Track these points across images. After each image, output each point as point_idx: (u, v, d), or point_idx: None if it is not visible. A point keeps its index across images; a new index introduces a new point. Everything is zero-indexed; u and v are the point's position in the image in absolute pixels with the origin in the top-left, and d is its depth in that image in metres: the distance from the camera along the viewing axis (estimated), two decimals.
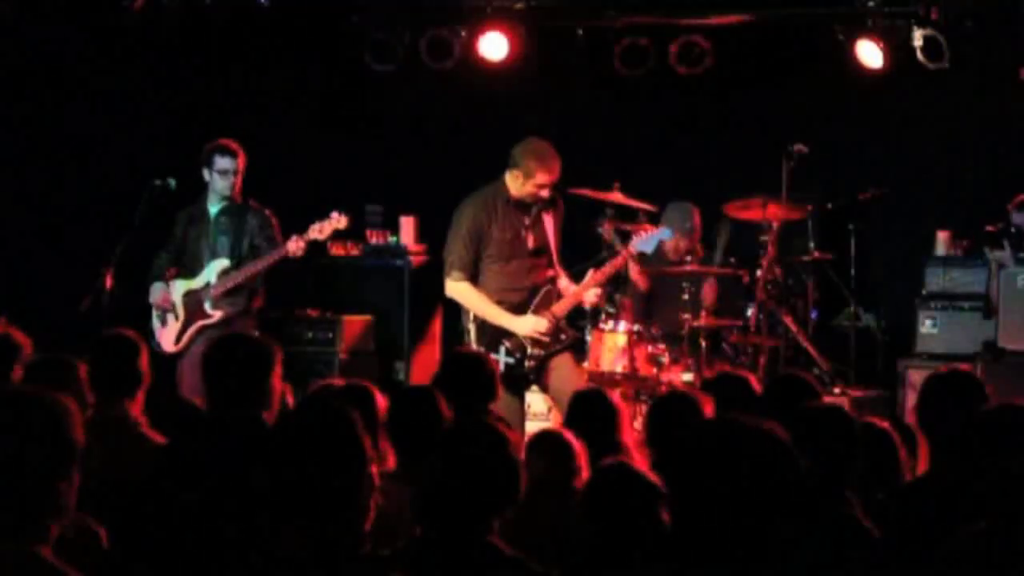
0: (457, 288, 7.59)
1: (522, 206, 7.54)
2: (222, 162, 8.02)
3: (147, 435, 4.98)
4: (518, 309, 7.52)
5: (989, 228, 8.60)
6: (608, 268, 7.69)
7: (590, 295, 7.67)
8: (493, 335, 7.50)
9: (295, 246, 7.88)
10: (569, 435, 4.72)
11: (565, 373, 7.54)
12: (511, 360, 7.47)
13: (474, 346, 7.45)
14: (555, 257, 7.67)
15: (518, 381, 7.52)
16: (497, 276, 7.54)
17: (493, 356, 7.28)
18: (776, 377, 6.69)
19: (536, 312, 7.51)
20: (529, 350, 7.49)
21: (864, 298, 9.41)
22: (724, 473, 2.84)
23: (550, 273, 7.66)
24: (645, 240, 7.77)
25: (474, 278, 7.55)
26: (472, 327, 7.56)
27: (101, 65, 9.47)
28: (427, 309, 9.84)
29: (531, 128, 7.90)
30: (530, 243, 7.57)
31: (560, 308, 7.56)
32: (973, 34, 8.86)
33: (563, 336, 7.60)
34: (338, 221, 8.01)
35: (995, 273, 8.48)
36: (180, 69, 9.78)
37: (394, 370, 9.58)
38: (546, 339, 7.49)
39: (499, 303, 7.49)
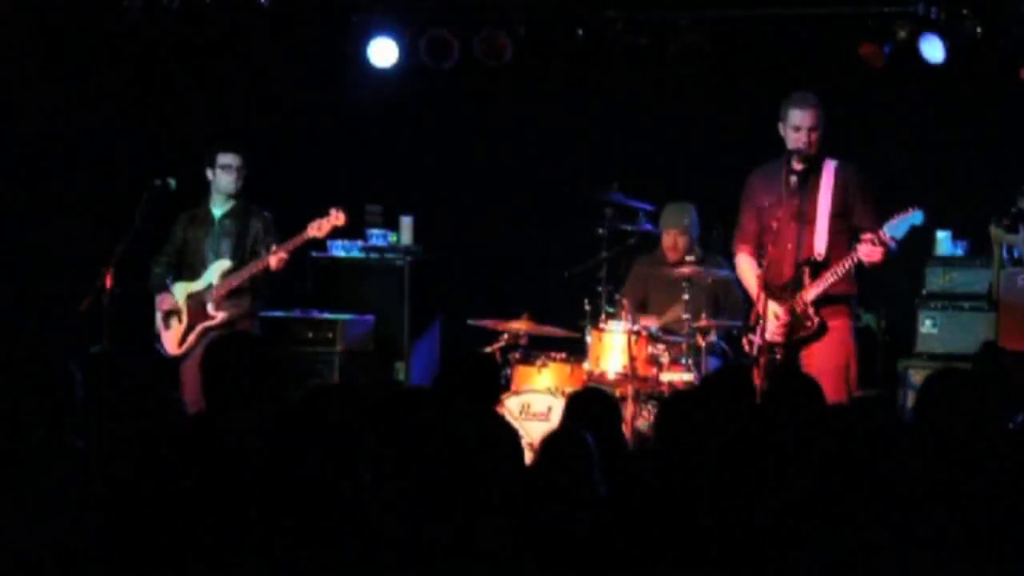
0: (736, 260, 7.13)
1: (795, 171, 6.89)
2: (225, 158, 8.01)
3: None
4: (779, 289, 6.86)
5: (1006, 221, 8.57)
6: (864, 251, 6.73)
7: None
8: (758, 313, 6.86)
9: (276, 259, 7.84)
10: (583, 434, 4.68)
11: (816, 364, 6.76)
12: (761, 343, 6.80)
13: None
14: (824, 231, 6.86)
15: (768, 368, 6.75)
16: (765, 249, 6.87)
17: (750, 335, 6.90)
18: (776, 377, 6.69)
19: (789, 293, 6.87)
20: (777, 337, 6.85)
21: (864, 298, 9.39)
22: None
23: (814, 250, 6.89)
24: (895, 224, 6.73)
25: (761, 250, 6.92)
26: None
27: (101, 65, 9.47)
28: (427, 309, 9.84)
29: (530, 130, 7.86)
30: (794, 212, 6.87)
31: (808, 293, 6.86)
32: (973, 34, 8.86)
33: (808, 324, 6.86)
34: (337, 218, 7.98)
35: (999, 259, 8.46)
36: (180, 69, 9.78)
37: (394, 370, 9.58)
38: (785, 326, 6.84)
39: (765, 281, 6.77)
